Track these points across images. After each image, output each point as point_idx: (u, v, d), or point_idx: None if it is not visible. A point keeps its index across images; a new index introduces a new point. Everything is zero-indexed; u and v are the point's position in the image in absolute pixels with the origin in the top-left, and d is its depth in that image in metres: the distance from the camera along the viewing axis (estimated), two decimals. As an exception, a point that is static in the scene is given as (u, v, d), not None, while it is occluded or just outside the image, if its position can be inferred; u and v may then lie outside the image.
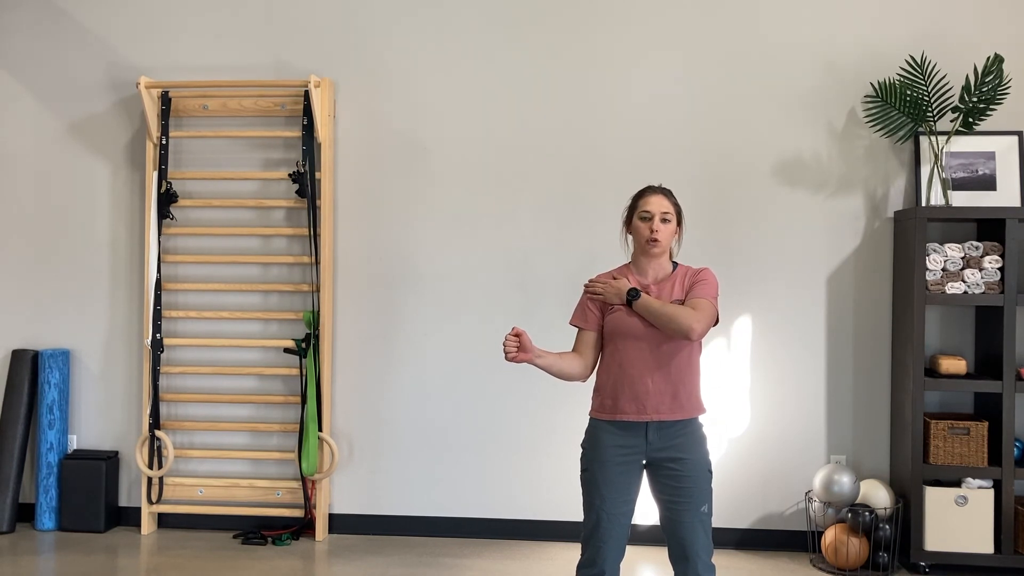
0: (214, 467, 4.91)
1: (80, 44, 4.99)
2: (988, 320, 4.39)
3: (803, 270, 4.64)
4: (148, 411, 4.79)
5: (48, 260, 5.01)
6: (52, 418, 4.87)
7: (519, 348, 2.95)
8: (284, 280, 4.87)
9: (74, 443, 5.00)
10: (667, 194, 3.14)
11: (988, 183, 4.45)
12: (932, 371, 4.39)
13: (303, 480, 4.73)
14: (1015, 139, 4.46)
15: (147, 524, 4.82)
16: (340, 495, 4.87)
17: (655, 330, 2.98)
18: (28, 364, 4.91)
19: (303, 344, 4.74)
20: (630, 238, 3.16)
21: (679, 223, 3.14)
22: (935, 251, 4.27)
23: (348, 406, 4.87)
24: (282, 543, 4.67)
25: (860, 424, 4.62)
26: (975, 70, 4.32)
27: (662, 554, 3.11)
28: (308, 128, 4.73)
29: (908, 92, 4.40)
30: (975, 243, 4.26)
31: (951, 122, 4.43)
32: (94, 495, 4.82)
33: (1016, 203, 4.41)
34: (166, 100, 4.81)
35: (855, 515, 4.26)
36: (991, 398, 4.32)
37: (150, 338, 4.77)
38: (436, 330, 4.82)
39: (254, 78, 4.85)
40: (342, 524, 4.85)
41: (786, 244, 4.65)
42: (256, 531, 4.75)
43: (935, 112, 4.43)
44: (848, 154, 4.63)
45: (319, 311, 4.74)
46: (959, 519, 4.21)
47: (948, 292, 4.25)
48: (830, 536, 4.33)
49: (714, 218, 4.65)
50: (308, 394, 4.71)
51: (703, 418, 3.10)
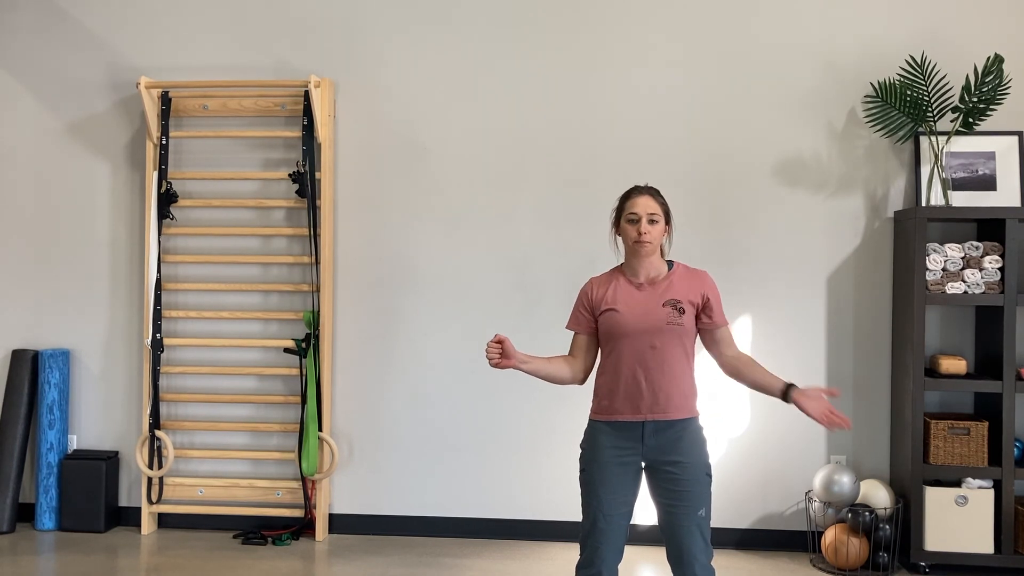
0: (214, 467, 4.91)
1: (80, 44, 4.99)
2: (988, 320, 4.39)
3: (803, 270, 4.64)
4: (148, 411, 4.79)
5: (48, 260, 5.01)
6: (52, 418, 4.87)
7: (501, 355, 2.95)
8: (284, 280, 4.87)
9: (74, 443, 5.00)
10: (654, 194, 3.07)
11: (988, 183, 4.45)
12: (932, 371, 4.39)
13: (303, 480, 4.73)
14: (1015, 139, 4.46)
15: (147, 524, 4.83)
16: (340, 495, 4.87)
17: (648, 331, 2.96)
18: (28, 364, 4.92)
19: (303, 344, 4.74)
20: (620, 239, 3.12)
21: (668, 222, 3.07)
22: (935, 251, 4.27)
23: (348, 406, 4.87)
24: (282, 543, 4.67)
25: (860, 424, 4.62)
26: (975, 70, 4.32)
27: (661, 554, 3.10)
28: (308, 128, 4.73)
29: (908, 92, 4.39)
30: (975, 243, 4.26)
31: (951, 122, 4.43)
32: (94, 495, 4.82)
33: (1016, 203, 4.41)
34: (166, 100, 4.81)
35: (855, 515, 4.26)
36: (991, 398, 4.32)
37: (150, 338, 4.77)
38: (436, 330, 4.82)
39: (254, 78, 4.85)
40: (342, 524, 4.85)
41: (786, 244, 4.65)
42: (256, 531, 4.75)
43: (935, 112, 4.43)
44: (848, 154, 4.63)
45: (319, 311, 4.74)
46: (959, 519, 4.21)
47: (948, 292, 4.25)
48: (830, 536, 4.33)
49: (714, 218, 4.66)
50: (308, 394, 4.71)
51: (703, 419, 3.08)
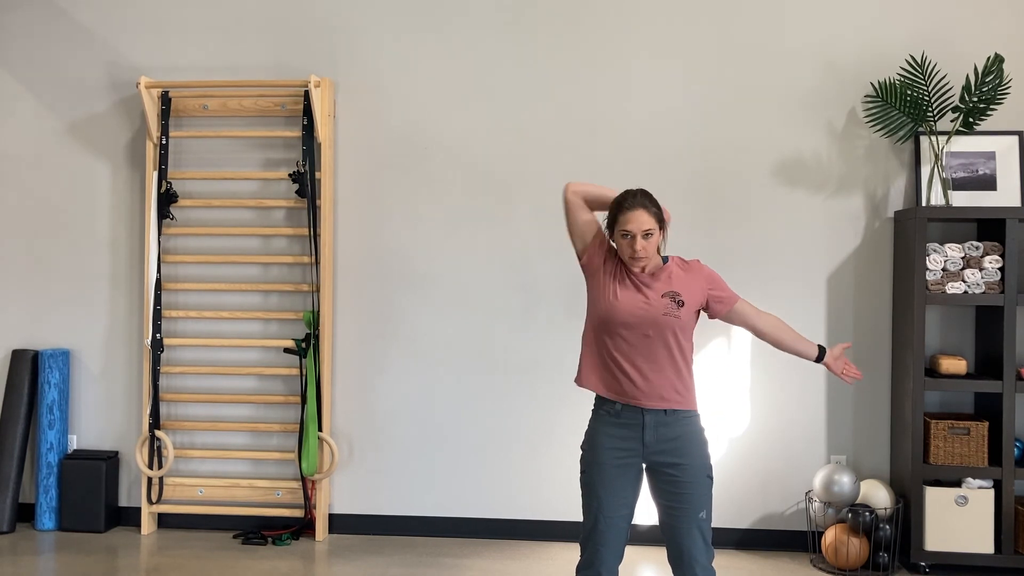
0: (214, 467, 4.91)
1: (80, 44, 4.99)
2: (988, 320, 4.39)
3: (803, 270, 4.64)
4: (148, 411, 4.79)
5: (48, 260, 5.01)
6: (52, 418, 4.87)
7: None
8: (284, 280, 4.87)
9: (74, 443, 5.00)
10: (646, 205, 2.97)
11: (988, 183, 4.45)
12: (932, 371, 4.39)
13: (303, 480, 4.73)
14: (1015, 139, 4.46)
15: (147, 524, 4.83)
16: (340, 495, 4.87)
17: (644, 321, 2.95)
18: (28, 364, 4.91)
19: (303, 344, 4.74)
20: (614, 244, 3.08)
21: (662, 227, 3.02)
22: (935, 251, 4.27)
23: (348, 406, 4.87)
24: (282, 543, 4.67)
25: (860, 424, 4.62)
26: (975, 70, 4.32)
27: (662, 554, 3.10)
28: (308, 128, 4.73)
29: (908, 92, 4.39)
30: (975, 243, 4.26)
31: (951, 122, 4.43)
32: (94, 495, 4.82)
33: (1016, 203, 4.41)
34: (166, 100, 4.81)
35: (855, 515, 4.26)
36: (991, 398, 4.32)
37: (150, 338, 4.77)
38: (436, 330, 4.82)
39: (254, 78, 4.85)
40: (342, 524, 4.85)
41: (786, 244, 4.65)
42: (256, 531, 4.75)
43: (935, 112, 4.43)
44: (848, 154, 4.63)
45: (319, 311, 4.74)
46: (959, 519, 4.21)
47: (948, 292, 4.25)
48: (830, 536, 4.33)
49: (714, 218, 4.66)
50: (308, 394, 4.71)
51: (703, 419, 3.08)
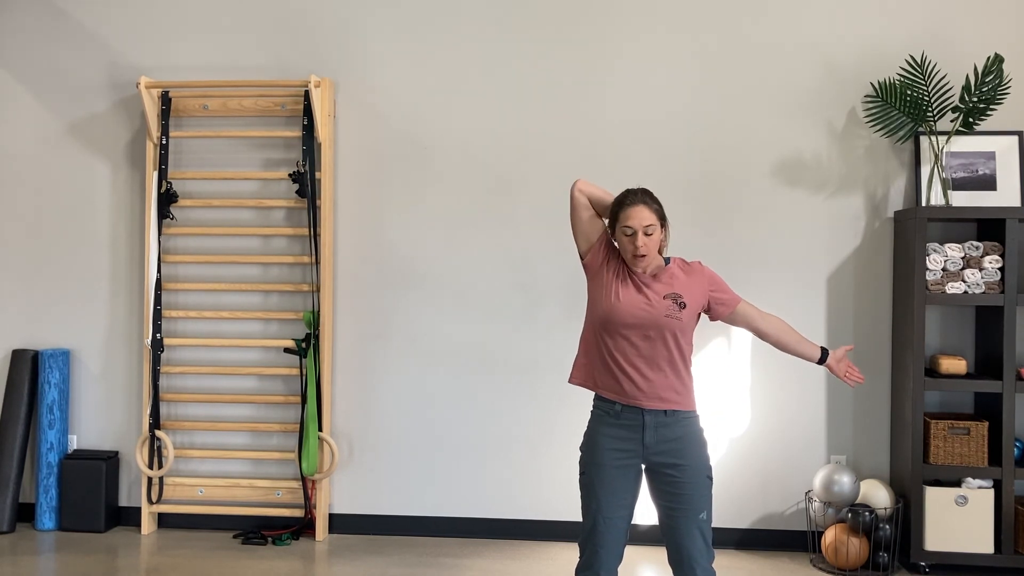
0: (214, 467, 4.91)
1: (80, 44, 4.98)
2: (988, 320, 4.39)
3: (803, 270, 4.64)
4: (148, 411, 4.79)
5: (48, 260, 5.01)
6: (52, 418, 4.87)
7: None
8: (284, 280, 4.87)
9: (74, 443, 5.00)
10: (647, 202, 2.99)
11: (988, 183, 4.45)
12: (932, 371, 4.39)
13: (303, 480, 4.73)
14: (1015, 139, 4.46)
15: (147, 524, 4.83)
16: (340, 495, 4.87)
17: (644, 322, 2.95)
18: (28, 364, 4.91)
19: (303, 344, 4.74)
20: (615, 243, 3.09)
21: (663, 225, 3.03)
22: (935, 251, 4.27)
23: (348, 406, 4.87)
24: (282, 543, 4.67)
25: (860, 424, 4.62)
26: (975, 70, 4.32)
27: (661, 554, 3.10)
28: (308, 128, 4.73)
29: (908, 92, 4.39)
30: (975, 243, 4.26)
31: (951, 122, 4.43)
32: (94, 495, 4.82)
33: (1016, 203, 4.41)
34: (166, 100, 4.81)
35: (855, 515, 4.26)
36: (991, 398, 4.32)
37: (150, 338, 4.77)
38: (436, 330, 4.82)
39: (254, 78, 4.84)
40: (342, 524, 4.85)
41: (786, 244, 4.65)
42: (256, 531, 4.75)
43: (935, 112, 4.43)
44: (848, 154, 4.63)
45: (319, 311, 4.74)
46: (959, 519, 4.21)
47: (948, 292, 4.25)
48: (830, 536, 4.33)
49: (714, 218, 4.66)
50: (308, 394, 4.71)
51: (703, 420, 3.08)
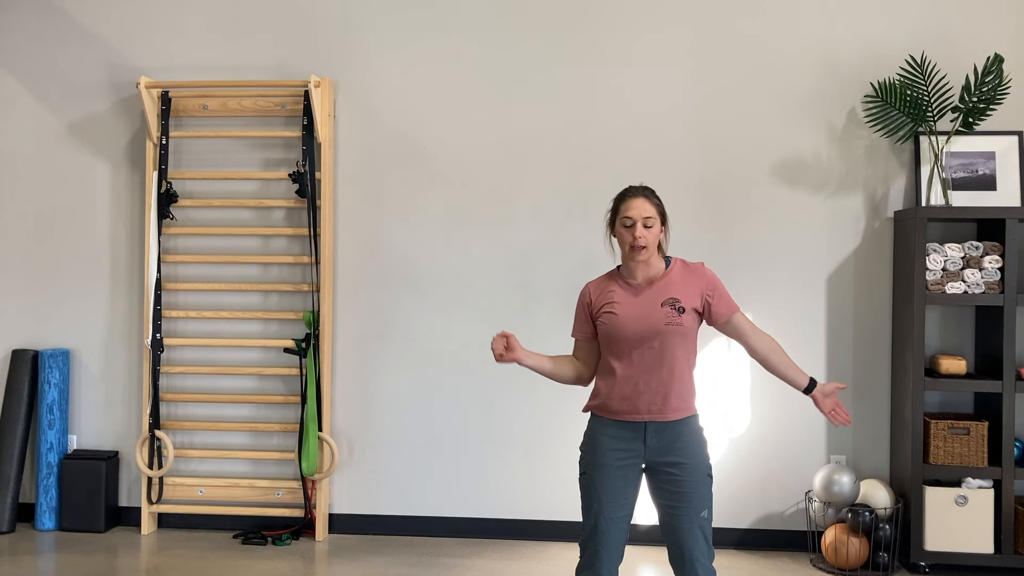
0: (214, 467, 4.91)
1: (80, 44, 4.99)
2: (988, 320, 4.39)
3: (803, 270, 4.64)
4: (148, 411, 4.79)
5: (48, 260, 5.01)
6: (52, 418, 4.87)
7: (507, 348, 2.99)
8: (284, 280, 4.87)
9: (74, 443, 5.00)
10: (648, 196, 3.01)
11: (988, 183, 4.45)
12: (932, 371, 4.39)
13: (303, 480, 4.73)
14: (1015, 139, 4.46)
15: (147, 524, 4.83)
16: (340, 495, 4.87)
17: (647, 333, 2.95)
18: (28, 364, 4.91)
19: (303, 344, 4.74)
20: (615, 240, 3.08)
21: (664, 222, 3.03)
22: (935, 251, 4.27)
23: (348, 406, 4.87)
24: (282, 543, 4.67)
25: (860, 424, 4.62)
26: (975, 70, 4.33)
27: (662, 554, 3.10)
28: (308, 128, 4.73)
29: (908, 92, 4.39)
30: (975, 243, 4.26)
31: (951, 122, 4.43)
32: (94, 495, 4.82)
33: (1016, 203, 4.41)
34: (166, 100, 4.81)
35: (855, 515, 4.26)
36: (991, 398, 4.32)
37: (150, 338, 4.77)
38: (436, 330, 4.82)
39: (254, 78, 4.85)
40: (342, 524, 4.85)
41: (786, 244, 4.65)
42: (256, 531, 4.75)
43: (935, 112, 4.43)
44: (848, 154, 4.64)
45: (319, 311, 4.74)
46: (959, 519, 4.21)
47: (948, 292, 4.25)
48: (830, 536, 4.33)
49: (714, 218, 4.66)
50: (308, 394, 4.71)
51: (703, 419, 3.08)
